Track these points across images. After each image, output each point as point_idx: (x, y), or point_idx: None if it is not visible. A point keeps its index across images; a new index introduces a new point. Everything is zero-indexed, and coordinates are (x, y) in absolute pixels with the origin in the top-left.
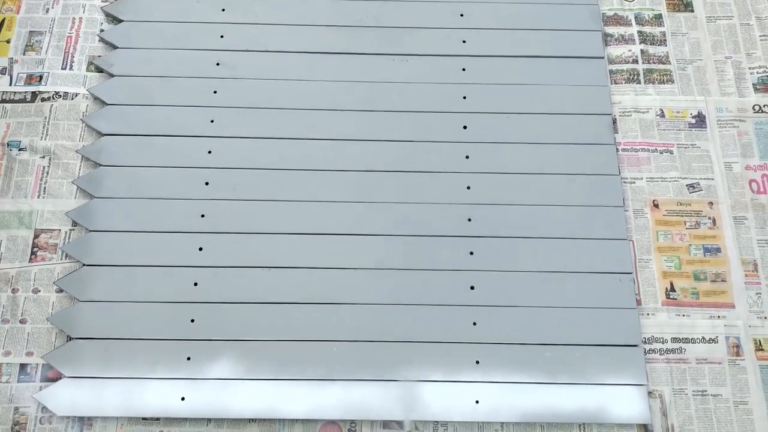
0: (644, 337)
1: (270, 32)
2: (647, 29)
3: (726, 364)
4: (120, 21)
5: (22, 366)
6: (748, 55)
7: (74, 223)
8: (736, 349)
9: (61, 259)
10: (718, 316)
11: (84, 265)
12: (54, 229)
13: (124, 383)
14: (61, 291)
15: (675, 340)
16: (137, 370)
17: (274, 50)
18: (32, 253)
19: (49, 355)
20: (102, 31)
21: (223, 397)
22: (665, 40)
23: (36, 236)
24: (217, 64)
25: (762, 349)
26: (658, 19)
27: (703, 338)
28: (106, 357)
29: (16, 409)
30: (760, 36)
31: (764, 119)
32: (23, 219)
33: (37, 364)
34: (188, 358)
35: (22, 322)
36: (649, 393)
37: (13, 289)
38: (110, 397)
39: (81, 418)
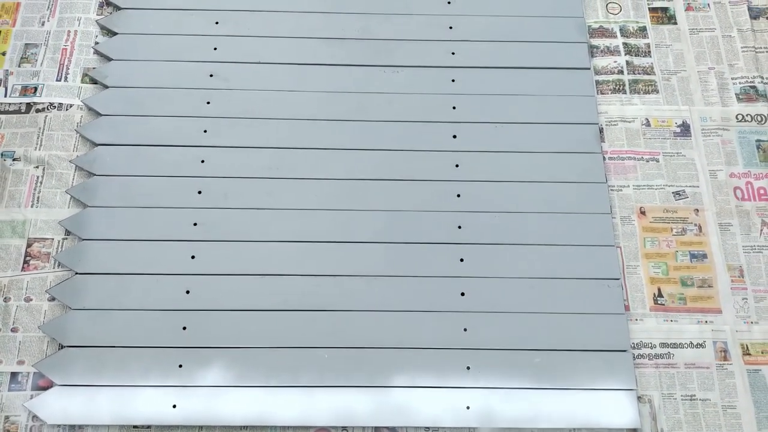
0: (633, 343)
1: (263, 44)
2: (632, 41)
3: (714, 368)
4: (114, 34)
5: (13, 374)
6: (730, 66)
7: (67, 232)
8: (724, 354)
9: (54, 267)
10: (706, 321)
11: (76, 273)
12: (47, 238)
13: (115, 391)
14: (53, 299)
15: (663, 345)
16: (129, 377)
17: (266, 62)
18: (25, 261)
19: (40, 363)
20: (97, 43)
21: (215, 404)
22: (650, 52)
23: (29, 245)
24: (211, 75)
25: (749, 354)
26: (642, 31)
27: (691, 343)
28: (97, 365)
29: (7, 417)
30: (741, 47)
31: (747, 128)
32: (16, 228)
33: (28, 373)
34: (180, 366)
35: (14, 330)
36: (639, 398)
37: (5, 297)
38: (101, 405)
39: (72, 427)
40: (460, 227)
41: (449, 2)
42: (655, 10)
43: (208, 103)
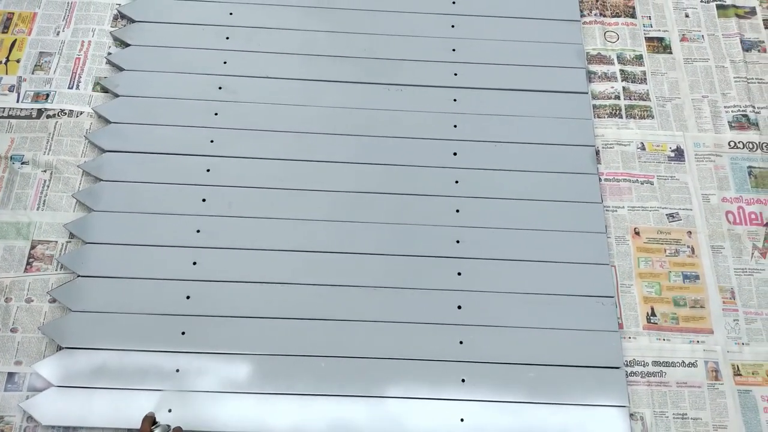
0: (626, 360)
1: (271, 60)
2: (629, 68)
3: (705, 388)
4: (127, 45)
5: (10, 375)
6: (723, 95)
7: (71, 236)
8: (715, 374)
9: (56, 270)
10: (698, 341)
11: (78, 276)
12: (51, 241)
13: (112, 394)
14: (54, 301)
15: (656, 363)
16: (126, 381)
17: (274, 77)
18: (28, 263)
19: (37, 364)
20: (109, 54)
21: (211, 409)
22: (645, 79)
23: (32, 247)
24: (220, 88)
25: (740, 375)
26: (638, 59)
27: (683, 362)
28: (94, 367)
29: (1, 418)
30: (734, 78)
31: (739, 155)
32: (21, 230)
33: (25, 374)
34: (177, 370)
35: (13, 331)
36: (631, 415)
37: (6, 298)
38: (97, 407)
39: (66, 428)
40: (458, 242)
41: (453, 26)
42: (651, 40)
43: (216, 114)
